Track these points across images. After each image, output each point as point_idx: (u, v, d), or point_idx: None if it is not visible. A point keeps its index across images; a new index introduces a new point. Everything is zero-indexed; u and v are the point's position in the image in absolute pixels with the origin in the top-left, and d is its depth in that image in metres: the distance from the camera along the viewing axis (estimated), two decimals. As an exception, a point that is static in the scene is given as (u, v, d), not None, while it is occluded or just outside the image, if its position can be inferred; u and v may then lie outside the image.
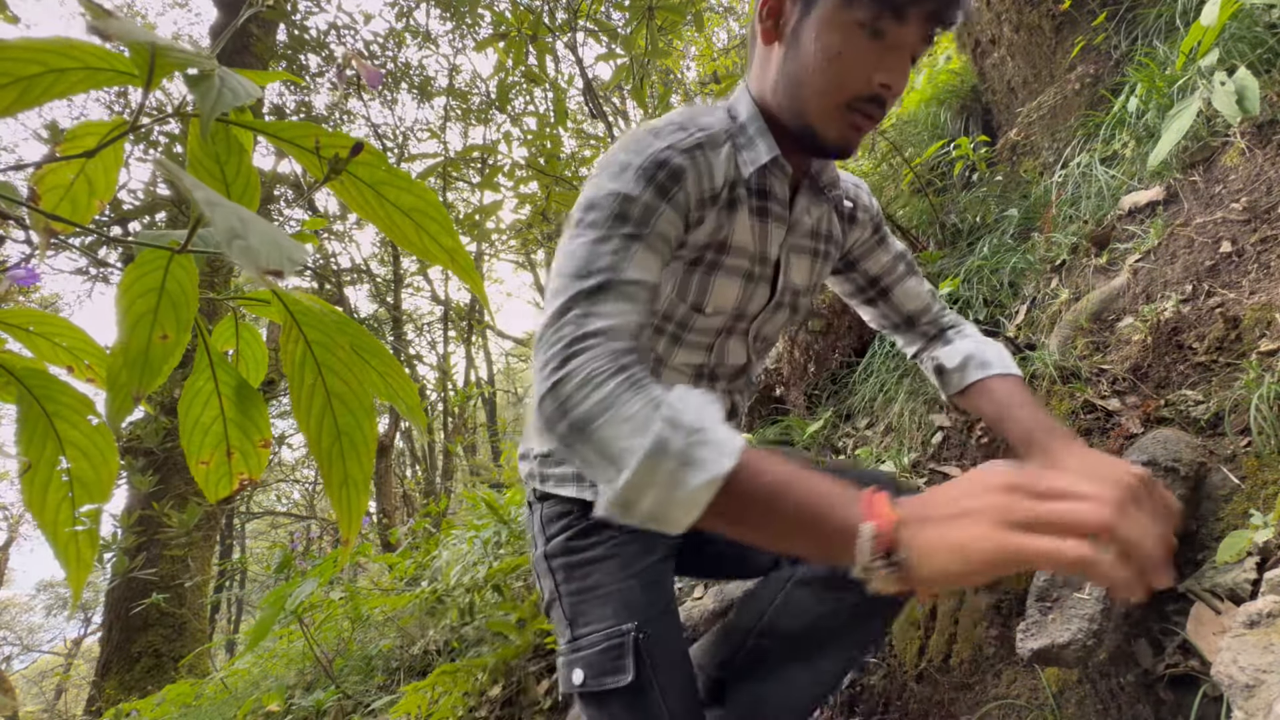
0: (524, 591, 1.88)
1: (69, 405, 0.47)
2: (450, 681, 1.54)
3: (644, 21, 2.38)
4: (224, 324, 0.56)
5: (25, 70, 0.37)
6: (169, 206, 4.96)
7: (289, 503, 11.91)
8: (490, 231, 3.28)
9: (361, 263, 7.82)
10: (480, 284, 0.53)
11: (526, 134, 2.95)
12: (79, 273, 5.29)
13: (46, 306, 6.78)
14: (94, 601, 12.02)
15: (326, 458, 0.47)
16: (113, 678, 4.39)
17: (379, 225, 0.49)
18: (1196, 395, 1.01)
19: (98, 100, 5.66)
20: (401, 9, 5.74)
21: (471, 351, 8.91)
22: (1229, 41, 1.37)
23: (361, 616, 2.37)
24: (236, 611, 10.62)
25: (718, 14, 5.41)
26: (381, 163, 0.47)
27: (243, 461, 0.53)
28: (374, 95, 6.25)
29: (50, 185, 0.45)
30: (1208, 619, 0.75)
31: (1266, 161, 1.21)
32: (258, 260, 0.32)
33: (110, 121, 0.44)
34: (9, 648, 14.43)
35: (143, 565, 4.23)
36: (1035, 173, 1.96)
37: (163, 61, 0.38)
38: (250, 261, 0.31)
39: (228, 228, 0.33)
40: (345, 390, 0.46)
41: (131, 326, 0.45)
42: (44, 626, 15.08)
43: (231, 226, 0.33)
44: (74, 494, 0.48)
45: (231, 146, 0.48)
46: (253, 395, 0.53)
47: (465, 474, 8.33)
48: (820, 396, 2.01)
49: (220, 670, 3.15)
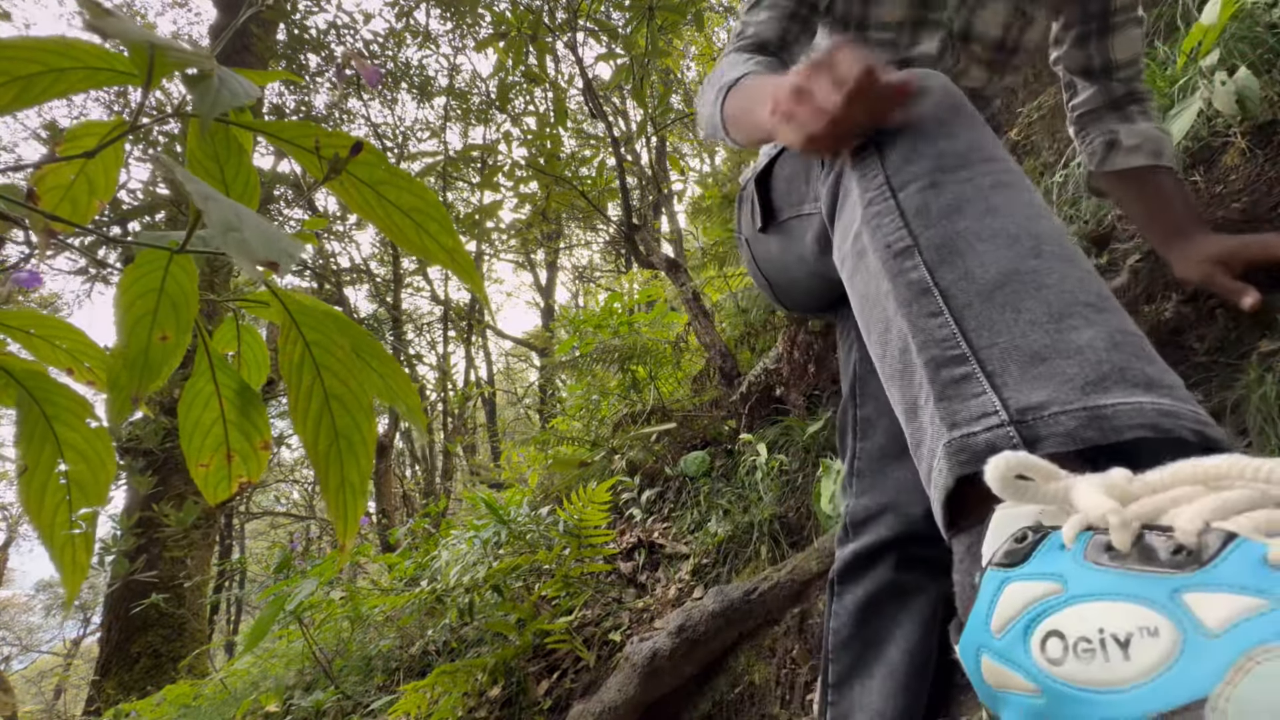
0: (523, 592, 1.88)
1: (68, 408, 0.47)
2: (450, 682, 1.54)
3: (644, 21, 2.37)
4: (225, 326, 0.55)
5: (24, 69, 0.37)
6: (168, 207, 4.96)
7: (288, 503, 11.90)
8: (490, 231, 3.28)
9: (361, 263, 7.81)
10: (480, 284, 0.53)
11: (526, 134, 2.95)
12: (78, 273, 5.28)
13: (45, 307, 6.77)
14: (93, 602, 12.01)
15: (323, 460, 0.46)
16: (112, 678, 4.39)
17: (379, 225, 0.49)
18: (1196, 395, 1.01)
19: (97, 100, 5.65)
20: (401, 9, 5.74)
21: (471, 352, 8.91)
22: (1230, 41, 1.37)
23: (361, 617, 2.36)
24: (236, 612, 10.61)
25: (718, 14, 5.41)
26: (381, 162, 0.46)
27: (242, 464, 0.53)
28: (374, 95, 6.25)
29: (50, 185, 0.44)
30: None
31: (1267, 161, 1.21)
32: (253, 253, 0.31)
33: (110, 121, 0.44)
34: (8, 648, 14.42)
35: (142, 566, 4.23)
36: (1036, 173, 1.96)
37: (162, 61, 0.37)
38: (245, 255, 0.31)
39: (223, 221, 0.32)
40: (344, 391, 0.46)
41: (131, 328, 0.45)
42: (43, 627, 15.06)
43: (227, 220, 0.33)
44: (71, 497, 0.47)
45: (231, 146, 0.48)
46: (253, 398, 0.53)
47: (465, 474, 8.33)
48: (820, 397, 2.01)
49: (220, 671, 3.15)
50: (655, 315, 2.78)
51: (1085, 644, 0.31)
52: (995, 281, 0.45)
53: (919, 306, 0.47)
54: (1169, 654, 0.28)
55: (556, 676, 1.57)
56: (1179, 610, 0.29)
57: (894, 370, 0.50)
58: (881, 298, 0.51)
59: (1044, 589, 0.34)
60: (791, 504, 1.64)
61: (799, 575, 1.29)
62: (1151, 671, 0.28)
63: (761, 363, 2.13)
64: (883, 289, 0.51)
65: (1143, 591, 0.30)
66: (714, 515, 1.77)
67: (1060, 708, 0.31)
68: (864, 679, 0.76)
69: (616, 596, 1.74)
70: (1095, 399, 0.39)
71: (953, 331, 0.45)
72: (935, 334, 0.46)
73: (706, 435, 2.26)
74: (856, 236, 0.55)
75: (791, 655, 1.23)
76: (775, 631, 1.28)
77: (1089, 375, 0.40)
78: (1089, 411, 0.39)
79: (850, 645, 0.78)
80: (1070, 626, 0.32)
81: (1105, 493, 0.34)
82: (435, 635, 1.98)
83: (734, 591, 1.33)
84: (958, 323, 0.45)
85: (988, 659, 0.36)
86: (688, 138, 5.80)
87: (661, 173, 4.65)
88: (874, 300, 0.53)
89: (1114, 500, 0.33)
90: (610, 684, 1.34)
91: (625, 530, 2.05)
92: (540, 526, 1.91)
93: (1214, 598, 0.28)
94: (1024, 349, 0.42)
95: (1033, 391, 0.41)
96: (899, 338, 0.49)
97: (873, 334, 0.54)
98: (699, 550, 1.72)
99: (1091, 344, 0.41)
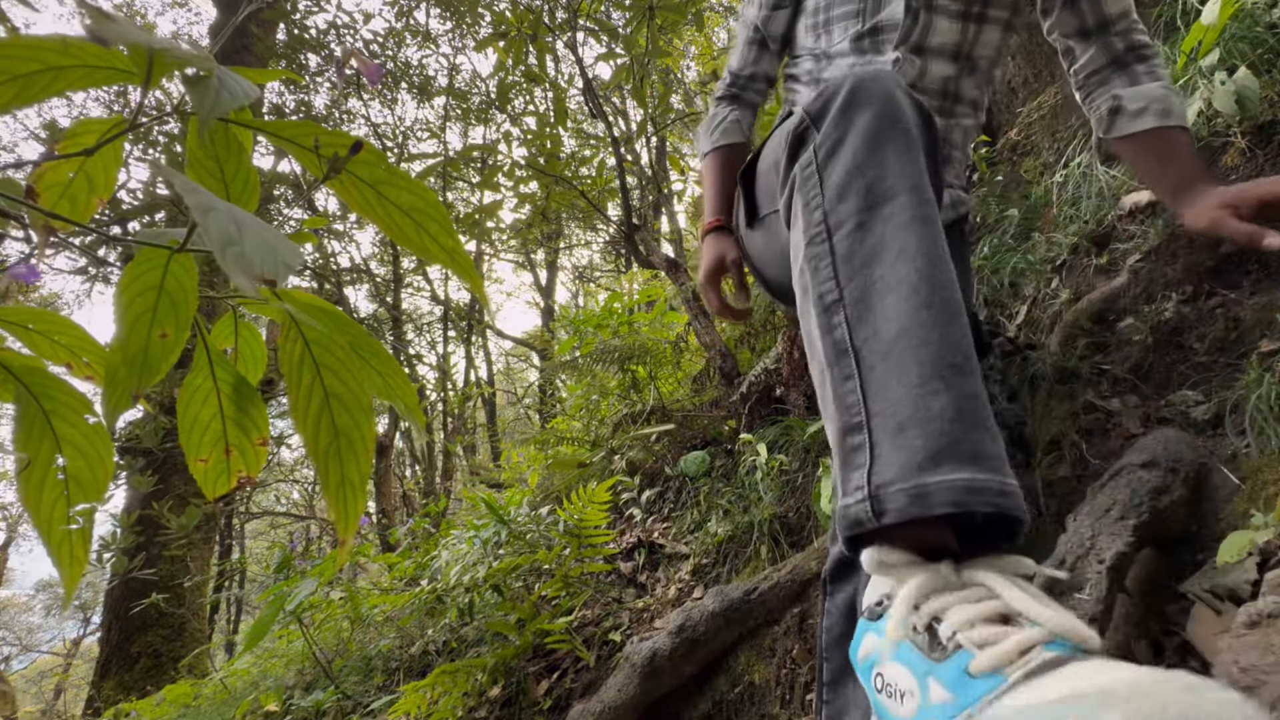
0: (523, 592, 1.88)
1: (66, 404, 0.47)
2: (450, 682, 1.54)
3: (644, 21, 2.37)
4: (223, 322, 0.55)
5: (24, 68, 0.37)
6: (168, 206, 4.96)
7: (288, 503, 11.90)
8: (490, 231, 3.28)
9: (361, 262, 7.81)
10: (480, 284, 0.53)
11: (526, 134, 2.95)
12: (78, 272, 5.28)
13: (45, 306, 6.76)
14: (93, 601, 12.01)
15: (324, 458, 0.46)
16: (112, 678, 4.38)
17: (379, 224, 0.49)
18: (1196, 395, 1.01)
19: (96, 99, 5.65)
20: (401, 8, 5.74)
21: (471, 352, 8.90)
22: (1229, 41, 1.37)
23: (361, 617, 2.36)
24: (236, 612, 10.61)
25: (718, 13, 5.41)
26: (381, 161, 0.46)
27: (241, 459, 0.53)
28: (373, 94, 6.25)
29: (49, 183, 0.44)
30: (1208, 620, 0.75)
31: (1267, 161, 1.21)
32: (251, 269, 0.31)
33: (109, 120, 0.44)
34: (8, 648, 14.41)
35: (142, 565, 4.23)
36: (1036, 173, 1.96)
37: (161, 62, 0.37)
38: (243, 270, 0.31)
39: (222, 234, 0.32)
40: (344, 390, 0.46)
41: (130, 325, 0.45)
42: (43, 626, 15.06)
43: (226, 232, 0.33)
44: (69, 492, 0.47)
45: (231, 146, 0.48)
46: (251, 393, 0.53)
47: (465, 474, 8.32)
48: (820, 397, 2.00)
49: (220, 670, 3.15)
50: (655, 315, 2.78)
51: (890, 687, 0.47)
52: (892, 339, 0.54)
53: (839, 370, 0.56)
54: (914, 710, 0.44)
55: (556, 676, 1.56)
56: (924, 684, 0.44)
57: (829, 414, 0.59)
58: (817, 346, 0.61)
59: (877, 643, 0.50)
60: (791, 504, 1.64)
61: (799, 575, 1.29)
62: (911, 715, 0.44)
63: (761, 363, 2.13)
64: (816, 342, 0.61)
65: (914, 664, 0.45)
66: (714, 515, 1.77)
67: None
68: (857, 678, 0.77)
69: (616, 596, 1.74)
70: (925, 476, 0.49)
71: (858, 399, 0.54)
72: (846, 400, 0.55)
73: (706, 435, 2.26)
74: (801, 272, 0.63)
75: (791, 655, 1.23)
76: (775, 631, 1.28)
77: (930, 448, 0.49)
78: (917, 489, 0.49)
79: (842, 643, 0.78)
80: (886, 672, 0.48)
81: (918, 589, 0.47)
82: (435, 635, 1.98)
83: (734, 591, 1.33)
84: (863, 388, 0.54)
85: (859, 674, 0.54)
86: (688, 137, 5.80)
87: (661, 173, 4.65)
88: (812, 343, 0.62)
89: (917, 596, 0.47)
90: (610, 684, 1.34)
91: (625, 530, 2.05)
92: (540, 526, 1.91)
93: (936, 685, 0.43)
94: (895, 417, 0.52)
95: (887, 467, 0.51)
96: (828, 390, 0.58)
97: (813, 370, 0.63)
98: (699, 550, 1.72)
99: (942, 413, 0.50)
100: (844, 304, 0.57)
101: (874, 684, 0.48)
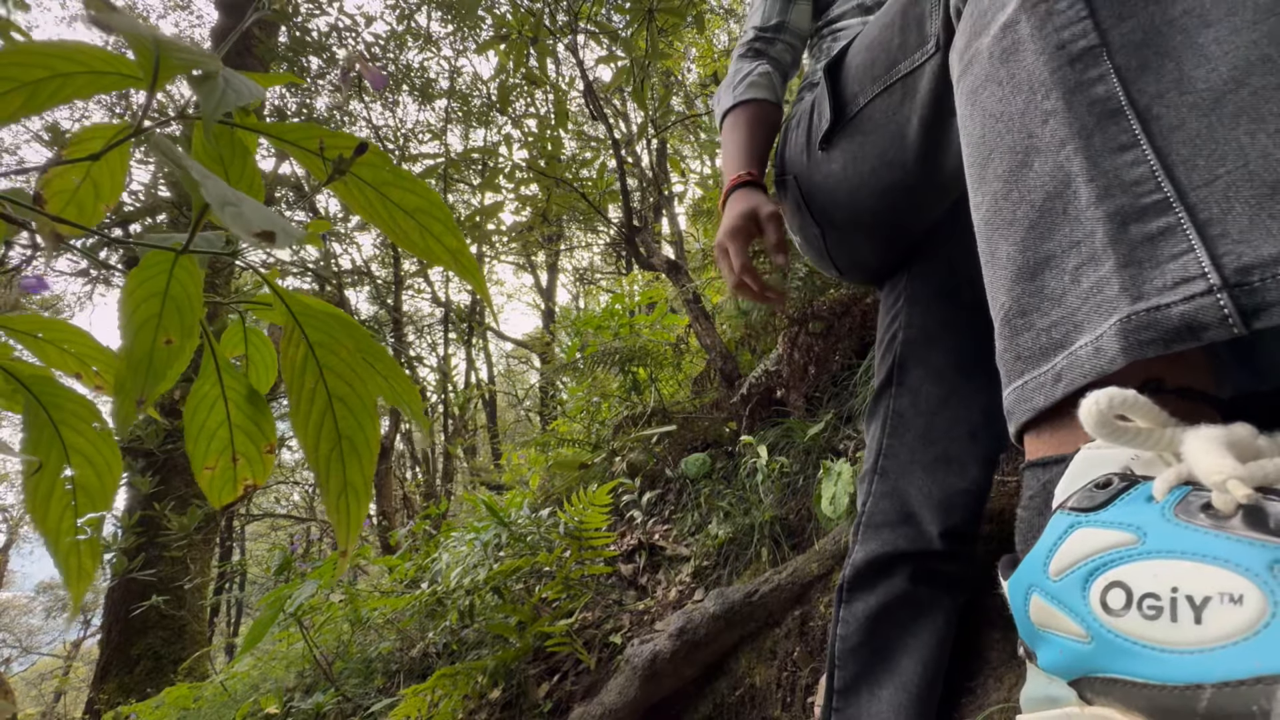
0: (524, 594, 1.88)
1: (74, 412, 0.47)
2: (450, 684, 1.54)
3: (644, 23, 2.38)
4: (233, 329, 0.55)
5: (31, 75, 0.37)
6: (170, 209, 4.96)
7: (289, 505, 11.89)
8: (491, 233, 3.28)
9: (362, 264, 7.81)
10: (484, 285, 0.53)
11: (527, 136, 2.95)
12: (79, 275, 5.29)
13: (47, 309, 6.77)
14: (93, 604, 11.99)
15: (325, 464, 0.46)
16: (112, 680, 4.38)
17: (382, 227, 0.49)
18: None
19: (99, 103, 5.65)
20: (403, 11, 5.75)
21: (472, 354, 8.91)
22: None
23: (361, 619, 2.36)
24: (236, 614, 10.60)
25: (718, 15, 5.42)
26: (385, 163, 0.46)
27: (248, 467, 0.53)
28: (376, 97, 6.27)
29: (56, 189, 0.45)
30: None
31: (1267, 164, 1.21)
32: (249, 224, 0.32)
33: (116, 125, 0.44)
34: (8, 650, 14.39)
35: (142, 567, 4.22)
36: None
37: (168, 63, 0.38)
38: (242, 226, 0.31)
39: (220, 196, 0.33)
40: (348, 392, 0.46)
41: (135, 332, 0.45)
42: (43, 629, 15.04)
43: (224, 195, 0.33)
44: (77, 502, 0.47)
45: (235, 148, 0.48)
46: (260, 402, 0.53)
47: (465, 476, 8.32)
48: (821, 399, 2.01)
49: (219, 673, 3.14)
50: (656, 317, 2.78)
51: (1152, 600, 0.29)
52: (1225, 84, 0.34)
53: (1103, 136, 0.37)
54: (1250, 624, 0.25)
55: (557, 679, 1.56)
56: (1274, 582, 0.26)
57: (1020, 217, 0.40)
58: (1029, 118, 0.40)
59: (1116, 539, 0.32)
60: (792, 506, 1.63)
61: (800, 577, 1.29)
62: (1224, 639, 0.26)
63: (762, 365, 2.14)
64: (1040, 107, 0.39)
65: (1234, 556, 0.27)
66: (715, 517, 1.77)
67: (1107, 657, 0.30)
68: (873, 688, 0.74)
69: (617, 599, 1.74)
70: None
71: (1151, 169, 0.35)
72: (1124, 175, 0.36)
73: (707, 437, 2.26)
74: (1009, 26, 0.42)
75: (792, 658, 1.23)
76: (776, 634, 1.28)
77: None
78: None
79: (859, 652, 0.76)
80: (1138, 581, 0.30)
81: (1226, 449, 0.30)
82: (435, 637, 1.98)
83: (735, 594, 1.33)
84: (1160, 156, 0.35)
85: (1038, 598, 0.34)
86: (688, 140, 5.81)
87: (662, 175, 4.65)
88: (1012, 121, 0.41)
89: (1234, 458, 0.29)
90: (611, 686, 1.34)
91: (626, 532, 2.05)
92: (541, 529, 1.91)
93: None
94: (1261, 177, 0.32)
95: (1264, 241, 0.31)
96: (1051, 176, 0.38)
97: (993, 168, 0.42)
98: (699, 552, 1.72)
99: None
100: (1108, 51, 0.37)
101: (1105, 601, 0.31)
